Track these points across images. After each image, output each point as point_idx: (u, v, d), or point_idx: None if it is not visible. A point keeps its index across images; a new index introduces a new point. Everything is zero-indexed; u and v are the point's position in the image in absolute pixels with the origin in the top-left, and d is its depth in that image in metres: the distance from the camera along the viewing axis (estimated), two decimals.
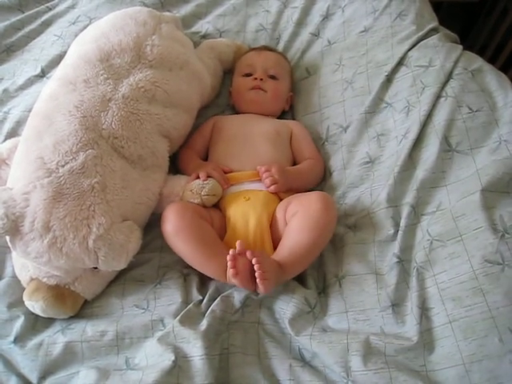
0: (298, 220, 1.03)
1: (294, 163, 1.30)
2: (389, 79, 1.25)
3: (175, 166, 1.26)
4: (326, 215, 1.03)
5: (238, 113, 1.41)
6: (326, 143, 1.30)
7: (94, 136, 1.04)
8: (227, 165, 1.22)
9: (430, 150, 1.09)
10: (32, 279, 1.02)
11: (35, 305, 0.99)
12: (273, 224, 1.09)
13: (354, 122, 1.25)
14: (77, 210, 0.96)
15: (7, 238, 0.96)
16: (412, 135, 1.12)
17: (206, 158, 1.32)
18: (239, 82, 1.40)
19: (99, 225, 0.96)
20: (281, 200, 1.14)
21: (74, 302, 1.02)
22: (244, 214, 1.09)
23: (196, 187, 1.12)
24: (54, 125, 1.04)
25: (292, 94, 1.43)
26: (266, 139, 1.26)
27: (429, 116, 1.13)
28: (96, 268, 1.00)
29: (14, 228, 0.94)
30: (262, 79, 1.35)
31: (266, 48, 1.46)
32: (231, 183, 1.17)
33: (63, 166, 0.99)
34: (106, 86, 1.10)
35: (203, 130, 1.33)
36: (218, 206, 1.16)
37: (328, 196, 1.08)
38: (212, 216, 1.11)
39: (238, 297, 0.99)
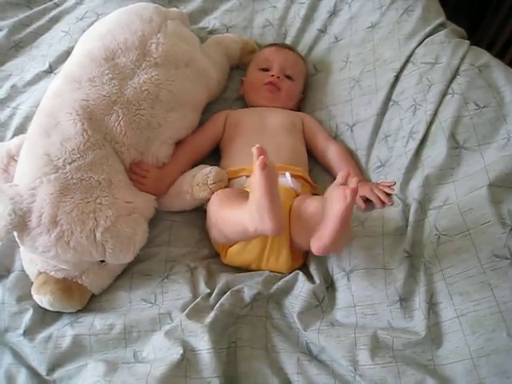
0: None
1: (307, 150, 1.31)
2: (395, 77, 1.25)
3: None
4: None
5: (247, 104, 1.41)
6: None
7: (100, 138, 1.05)
8: (248, 159, 1.20)
9: (438, 149, 1.09)
10: (40, 273, 1.02)
11: (43, 298, 1.00)
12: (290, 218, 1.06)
13: (361, 122, 1.25)
14: (83, 204, 0.97)
15: (15, 233, 0.97)
16: (419, 136, 1.12)
17: (206, 154, 1.30)
18: (255, 74, 1.39)
19: (106, 217, 0.97)
20: (297, 196, 1.12)
21: (82, 296, 1.03)
22: None
23: (201, 180, 1.12)
24: (60, 124, 1.05)
25: (303, 97, 1.43)
26: (284, 130, 1.27)
27: (435, 114, 1.13)
28: (103, 261, 1.01)
29: (22, 223, 0.95)
30: (278, 77, 1.35)
31: (286, 46, 1.45)
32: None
33: (70, 164, 1.00)
34: (111, 86, 1.11)
35: (216, 123, 1.32)
36: None
37: None
38: None
39: (248, 292, 0.99)
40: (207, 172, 1.13)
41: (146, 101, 1.13)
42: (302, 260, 1.11)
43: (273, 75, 1.35)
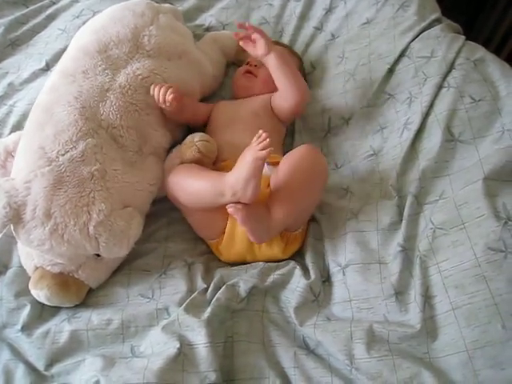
0: (286, 165, 1.05)
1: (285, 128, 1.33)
2: (391, 70, 1.26)
3: None
4: (312, 158, 1.05)
5: (234, 98, 1.40)
6: (328, 135, 1.31)
7: (93, 126, 1.06)
8: (226, 153, 1.19)
9: (433, 141, 1.09)
10: (36, 268, 1.03)
11: (40, 293, 1.00)
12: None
13: (356, 115, 1.26)
14: (77, 197, 0.98)
15: (11, 226, 0.97)
16: (414, 126, 1.13)
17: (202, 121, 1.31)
18: (237, 69, 1.40)
19: (99, 211, 0.98)
20: None
21: (79, 290, 1.03)
22: None
23: (188, 139, 1.14)
24: (54, 116, 1.05)
25: None
26: (254, 119, 1.25)
27: (431, 107, 1.14)
28: (99, 255, 1.01)
29: (17, 216, 0.96)
30: (255, 65, 1.35)
31: (275, 42, 1.45)
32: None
33: (63, 155, 1.00)
34: (104, 76, 1.12)
35: (207, 105, 1.34)
36: None
37: (314, 147, 1.10)
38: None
39: (243, 286, 1.00)
40: (193, 134, 1.15)
41: (140, 87, 1.14)
42: (300, 242, 1.11)
43: (249, 64, 1.36)
